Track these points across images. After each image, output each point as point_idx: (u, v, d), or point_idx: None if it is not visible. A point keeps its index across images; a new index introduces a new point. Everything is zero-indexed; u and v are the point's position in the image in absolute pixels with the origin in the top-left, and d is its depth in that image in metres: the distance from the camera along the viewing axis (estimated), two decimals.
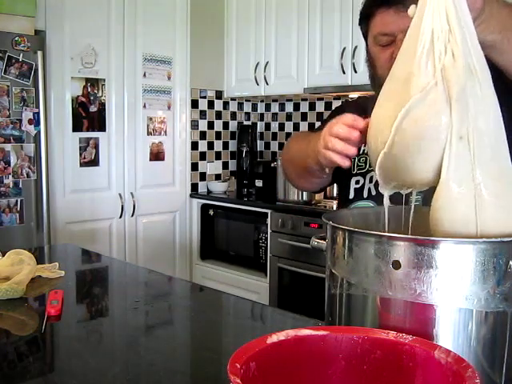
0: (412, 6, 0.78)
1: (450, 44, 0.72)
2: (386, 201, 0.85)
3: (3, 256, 1.48)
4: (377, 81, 1.19)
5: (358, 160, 1.30)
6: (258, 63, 3.63)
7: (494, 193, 0.73)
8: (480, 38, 0.75)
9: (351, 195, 1.31)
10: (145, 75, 3.43)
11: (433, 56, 0.73)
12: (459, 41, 0.72)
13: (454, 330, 0.72)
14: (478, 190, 0.72)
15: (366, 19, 1.23)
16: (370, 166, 1.28)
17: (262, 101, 4.16)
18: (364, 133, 0.91)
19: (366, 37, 1.25)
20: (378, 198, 1.22)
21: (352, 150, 0.93)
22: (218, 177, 3.97)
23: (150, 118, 3.49)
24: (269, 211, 3.24)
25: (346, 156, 0.95)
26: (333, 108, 3.67)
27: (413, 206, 0.85)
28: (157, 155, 3.54)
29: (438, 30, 0.73)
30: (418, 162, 0.75)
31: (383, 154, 0.77)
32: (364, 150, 1.23)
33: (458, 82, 0.71)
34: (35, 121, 2.84)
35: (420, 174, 0.76)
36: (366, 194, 1.28)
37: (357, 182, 1.30)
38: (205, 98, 3.84)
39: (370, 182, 1.28)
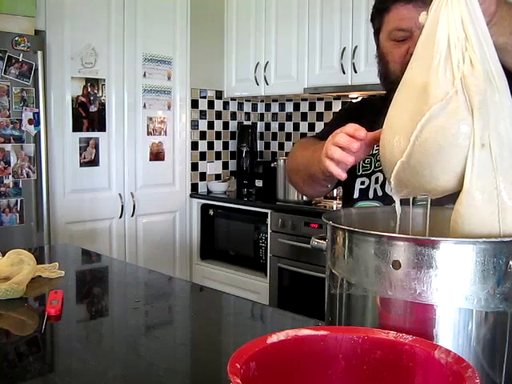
0: (423, 13, 0.77)
1: (468, 52, 0.72)
2: (398, 206, 0.85)
3: (3, 256, 1.48)
4: (391, 76, 1.18)
5: (363, 161, 1.28)
6: (258, 63, 3.63)
7: None
8: (492, 40, 0.75)
9: (355, 195, 1.30)
10: (145, 75, 3.43)
11: (451, 64, 0.72)
12: (476, 48, 0.72)
13: (454, 330, 0.72)
14: (500, 197, 0.72)
15: (379, 14, 1.22)
16: (375, 167, 1.27)
17: (262, 101, 4.15)
18: (366, 142, 0.92)
19: (377, 32, 1.25)
20: (384, 199, 1.21)
21: (350, 160, 0.94)
22: (218, 177, 3.97)
23: (150, 118, 3.49)
24: (269, 211, 3.24)
25: (344, 165, 0.95)
26: (333, 108, 3.67)
27: (410, 208, 0.86)
28: (157, 155, 3.54)
29: (455, 38, 0.72)
30: (438, 171, 0.74)
31: (400, 163, 0.77)
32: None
33: (479, 91, 0.71)
34: (35, 121, 2.84)
35: (439, 182, 0.75)
36: (371, 195, 1.27)
37: (362, 183, 1.30)
38: (205, 97, 3.84)
39: (376, 182, 1.27)
